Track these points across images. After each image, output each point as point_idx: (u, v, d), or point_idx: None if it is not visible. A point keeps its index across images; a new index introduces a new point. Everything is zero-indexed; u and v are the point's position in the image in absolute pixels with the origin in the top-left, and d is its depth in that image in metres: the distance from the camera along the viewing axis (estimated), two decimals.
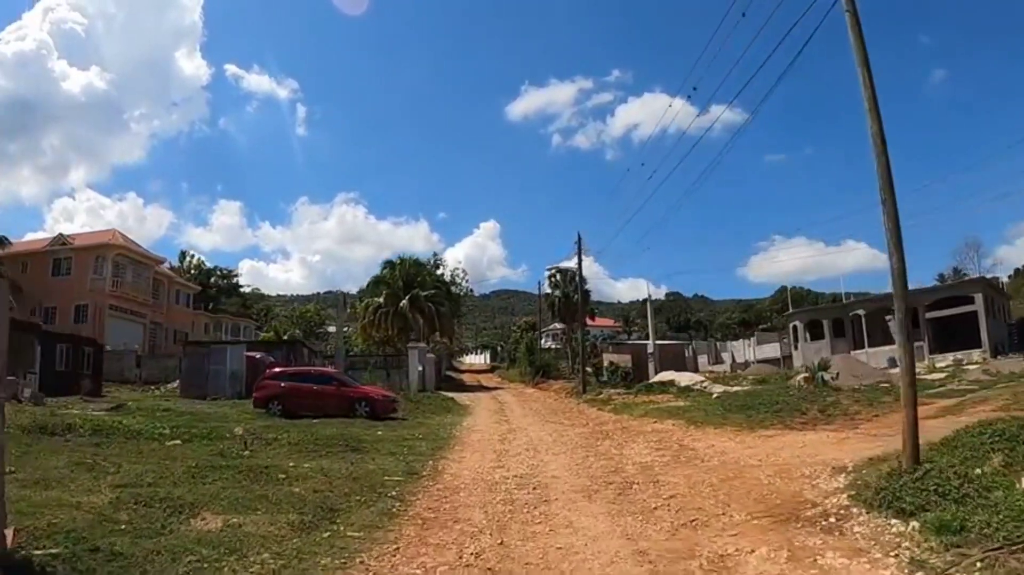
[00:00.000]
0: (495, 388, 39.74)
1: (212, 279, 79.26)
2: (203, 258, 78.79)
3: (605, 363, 31.79)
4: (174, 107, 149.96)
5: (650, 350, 31.09)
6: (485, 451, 11.49)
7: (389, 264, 42.45)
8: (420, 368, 29.87)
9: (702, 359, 46.43)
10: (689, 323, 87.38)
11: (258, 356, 19.84)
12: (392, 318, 38.65)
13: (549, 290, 53.30)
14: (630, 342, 45.43)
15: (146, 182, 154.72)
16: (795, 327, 42.01)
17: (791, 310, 44.79)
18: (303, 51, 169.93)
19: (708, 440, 11.70)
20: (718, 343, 53.19)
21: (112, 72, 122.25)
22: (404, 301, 38.76)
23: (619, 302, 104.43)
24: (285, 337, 51.54)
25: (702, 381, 25.09)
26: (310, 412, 16.95)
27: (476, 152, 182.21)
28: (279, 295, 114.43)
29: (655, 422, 15.37)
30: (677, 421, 14.98)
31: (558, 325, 67.52)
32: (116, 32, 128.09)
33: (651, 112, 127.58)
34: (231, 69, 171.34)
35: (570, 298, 52.63)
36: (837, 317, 40.00)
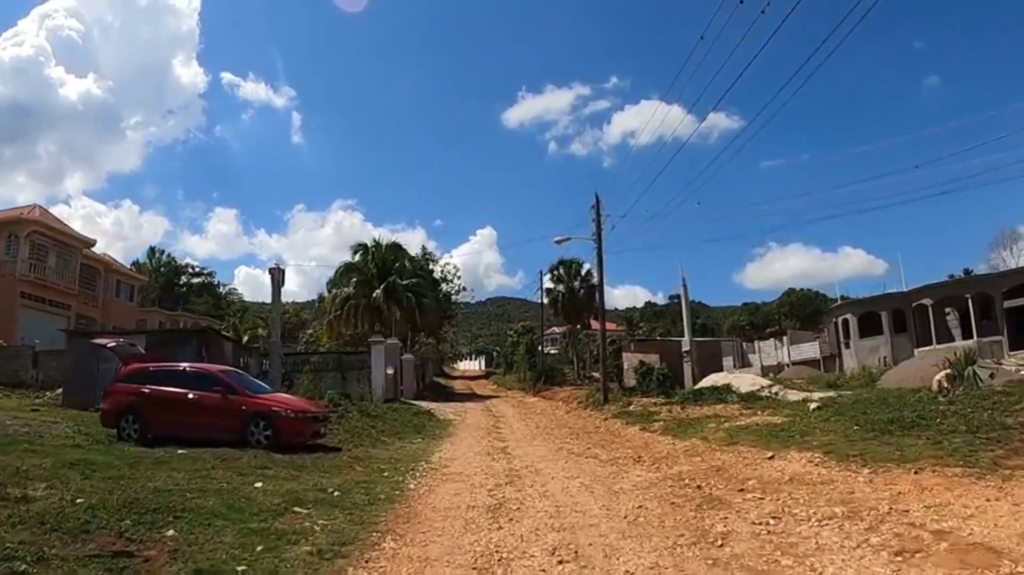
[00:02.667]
0: (490, 397, 32.86)
1: (183, 277, 73.25)
2: (174, 255, 73.51)
3: (626, 364, 25.11)
4: (170, 114, 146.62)
5: (685, 347, 24.32)
6: (451, 555, 4.73)
7: (362, 248, 35.06)
8: (389, 371, 22.94)
9: (727, 361, 39.88)
10: (695, 326, 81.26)
11: (110, 344, 12.44)
12: (363, 311, 31.81)
13: (551, 285, 46.07)
14: (656, 339, 38.66)
15: (142, 189, 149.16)
16: (845, 322, 35.38)
17: (839, 302, 38.20)
18: (300, 59, 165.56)
19: (974, 516, 5.02)
20: (744, 344, 46.51)
21: (109, 79, 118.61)
22: (378, 291, 31.87)
23: (616, 308, 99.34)
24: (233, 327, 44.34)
25: (769, 385, 18.42)
26: (184, 434, 10.27)
27: (473, 159, 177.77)
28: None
29: (770, 456, 8.67)
30: (808, 454, 8.36)
31: (557, 329, 60.46)
32: (113, 39, 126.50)
33: (648, 119, 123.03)
34: (227, 77, 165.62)
35: (575, 293, 45.69)
36: (898, 308, 33.45)
